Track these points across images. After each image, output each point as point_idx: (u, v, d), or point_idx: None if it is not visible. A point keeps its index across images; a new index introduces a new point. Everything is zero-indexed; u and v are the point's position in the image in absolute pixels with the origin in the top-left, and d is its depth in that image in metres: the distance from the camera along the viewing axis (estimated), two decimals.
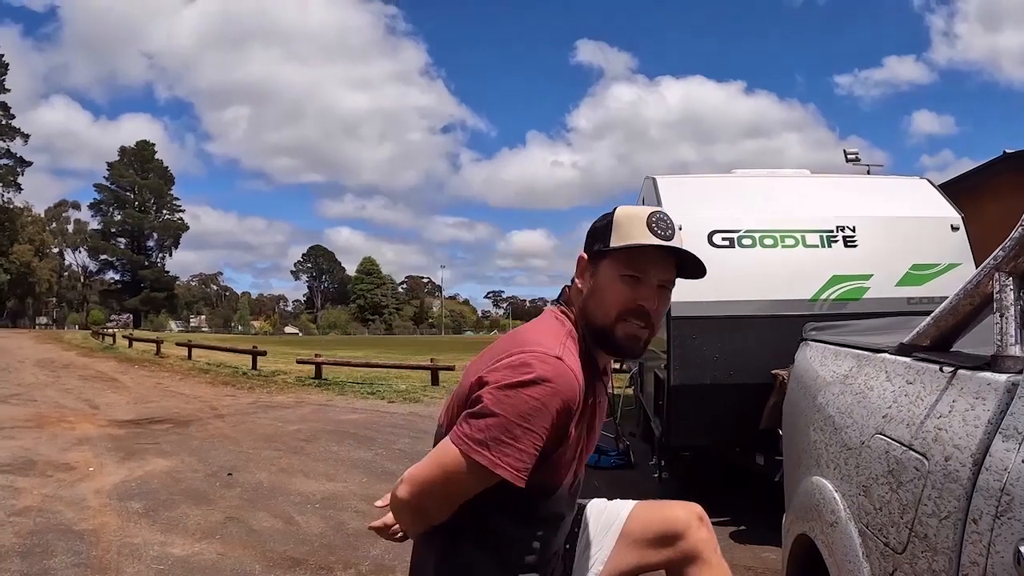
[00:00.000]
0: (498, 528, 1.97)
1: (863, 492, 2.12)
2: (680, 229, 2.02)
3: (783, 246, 6.76)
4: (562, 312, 2.07)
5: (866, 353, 2.67)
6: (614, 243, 1.95)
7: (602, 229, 2.00)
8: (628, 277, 1.94)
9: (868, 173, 9.07)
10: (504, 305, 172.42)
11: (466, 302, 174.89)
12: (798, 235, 6.79)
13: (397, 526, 2.28)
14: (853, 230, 6.80)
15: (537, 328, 2.01)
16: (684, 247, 1.99)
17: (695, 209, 6.96)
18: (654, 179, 7.56)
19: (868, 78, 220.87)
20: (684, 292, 6.36)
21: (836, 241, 6.77)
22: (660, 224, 1.96)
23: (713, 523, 6.66)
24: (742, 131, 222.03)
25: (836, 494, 2.32)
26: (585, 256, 2.04)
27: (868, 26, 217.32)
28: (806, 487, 2.69)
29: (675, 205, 6.82)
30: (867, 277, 6.66)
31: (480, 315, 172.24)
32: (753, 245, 6.75)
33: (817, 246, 6.77)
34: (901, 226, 6.91)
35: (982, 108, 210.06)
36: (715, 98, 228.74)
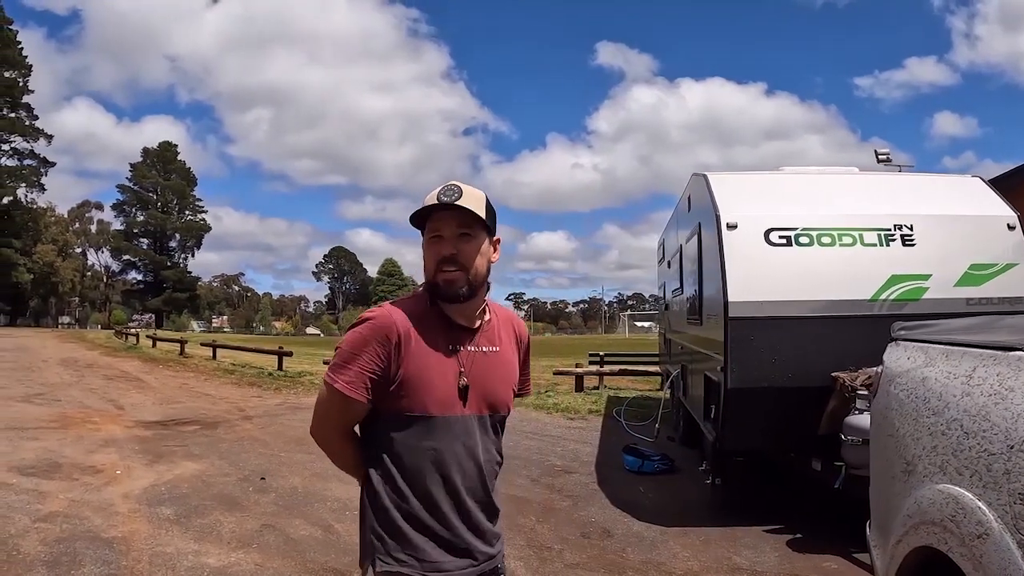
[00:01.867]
0: (385, 458, 2.30)
1: (1021, 500, 1.96)
2: (458, 195, 2.30)
3: (841, 244, 6.59)
4: (420, 287, 2.47)
5: (992, 352, 2.48)
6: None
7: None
8: (432, 239, 2.32)
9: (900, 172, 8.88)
10: (525, 307, 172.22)
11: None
12: (856, 233, 6.62)
13: None
14: (911, 229, 6.63)
15: None
16: (471, 205, 2.30)
17: (751, 207, 6.81)
18: (705, 176, 7.33)
19: (889, 79, 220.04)
20: (741, 291, 6.24)
21: (894, 240, 6.60)
22: (447, 192, 2.30)
23: (767, 531, 6.46)
24: (763, 133, 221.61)
25: (980, 503, 2.13)
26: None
27: (888, 28, 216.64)
28: (928, 496, 2.48)
29: (730, 202, 6.71)
30: (926, 277, 6.48)
31: None
32: (811, 244, 6.57)
33: (875, 245, 6.60)
34: (958, 225, 6.73)
35: (1005, 110, 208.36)
36: (736, 100, 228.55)
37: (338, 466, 2.53)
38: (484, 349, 2.41)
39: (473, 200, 2.32)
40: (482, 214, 2.33)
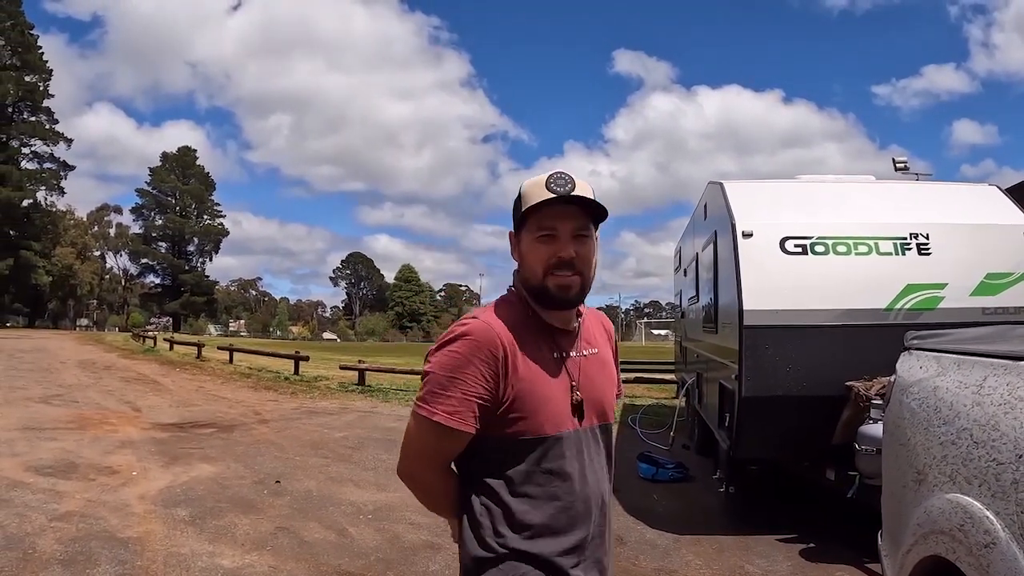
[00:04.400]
0: (497, 491, 2.03)
1: None
2: (572, 186, 2.05)
3: (856, 253, 6.57)
4: (510, 290, 2.20)
5: (1003, 361, 2.48)
6: (524, 210, 2.07)
7: (515, 205, 2.12)
8: (543, 237, 2.04)
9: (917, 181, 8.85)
10: None
11: None
12: (871, 242, 6.59)
13: None
14: (927, 238, 6.60)
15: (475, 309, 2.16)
16: (587, 195, 2.06)
17: (766, 214, 6.80)
18: (721, 184, 7.34)
19: (907, 87, 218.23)
20: (756, 300, 6.24)
21: (910, 249, 6.58)
22: (558, 181, 2.04)
23: (780, 540, 6.45)
24: (781, 141, 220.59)
25: (988, 513, 2.13)
26: (512, 233, 2.16)
27: (905, 36, 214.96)
28: (938, 505, 2.49)
29: (745, 211, 6.71)
30: (942, 286, 6.45)
31: None
32: (826, 252, 6.55)
33: (891, 254, 6.58)
34: (974, 234, 6.71)
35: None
36: (753, 108, 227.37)
37: (429, 507, 2.26)
38: (586, 353, 2.19)
39: (590, 192, 2.07)
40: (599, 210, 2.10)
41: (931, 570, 2.49)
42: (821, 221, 6.70)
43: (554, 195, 2.01)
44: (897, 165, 8.80)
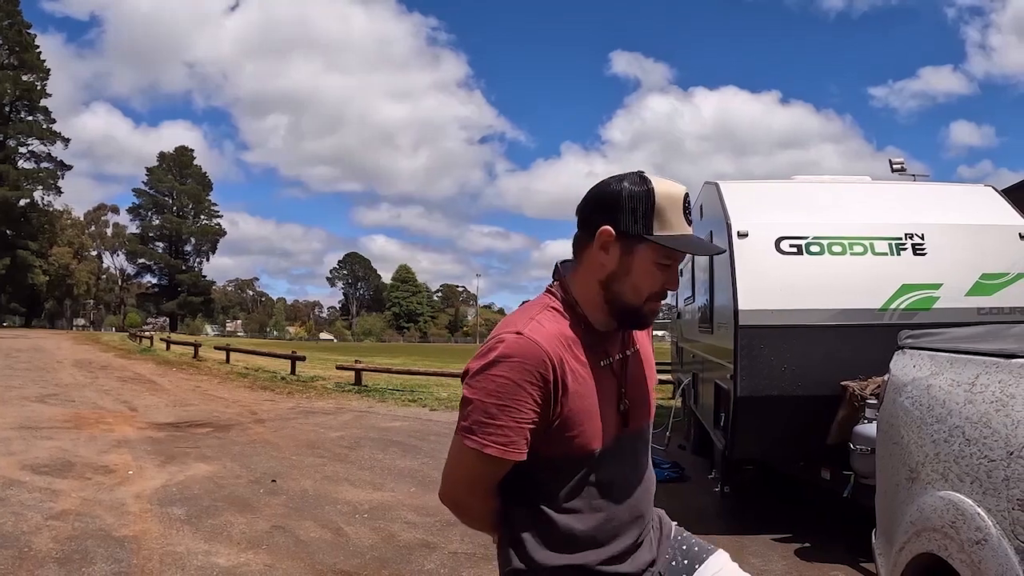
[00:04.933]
0: (540, 505, 1.95)
1: (1020, 506, 1.97)
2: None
3: (852, 253, 6.58)
4: (548, 291, 2.04)
5: (995, 359, 2.49)
6: (658, 231, 1.88)
7: (642, 209, 1.87)
8: (661, 265, 1.91)
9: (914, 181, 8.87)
10: None
11: (501, 311, 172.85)
12: (866, 242, 6.61)
13: None
14: (922, 238, 6.62)
15: (512, 314, 2.03)
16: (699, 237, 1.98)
17: (761, 215, 6.80)
18: (716, 184, 7.35)
19: (904, 89, 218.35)
20: (751, 300, 6.25)
21: (905, 249, 6.58)
22: (688, 212, 1.92)
23: (775, 540, 6.45)
24: (778, 142, 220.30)
25: (979, 510, 2.15)
26: (613, 232, 1.88)
27: (901, 38, 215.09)
28: (930, 503, 2.50)
29: (741, 211, 6.73)
30: (937, 287, 6.46)
31: None
32: (821, 252, 6.55)
33: (886, 254, 6.59)
34: (970, 234, 6.72)
35: (1022, 119, 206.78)
36: (750, 109, 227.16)
37: (473, 525, 2.17)
38: (628, 352, 2.09)
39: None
40: None
41: (924, 567, 2.50)
42: (816, 221, 6.71)
43: (689, 229, 1.91)
44: (894, 166, 8.81)
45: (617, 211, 1.88)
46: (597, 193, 1.93)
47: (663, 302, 2.06)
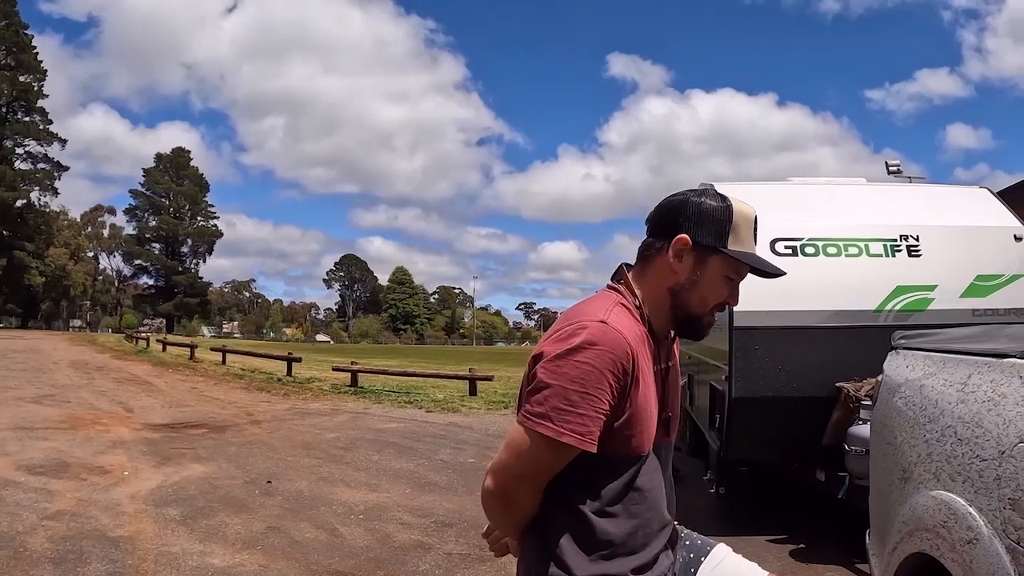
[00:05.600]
0: (582, 509, 1.90)
1: (1010, 505, 1.97)
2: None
3: (847, 255, 6.58)
4: (613, 288, 2.02)
5: (987, 359, 2.50)
6: (732, 246, 1.92)
7: (720, 222, 1.92)
8: (728, 279, 1.95)
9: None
10: (536, 317, 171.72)
11: (498, 313, 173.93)
12: (861, 244, 6.61)
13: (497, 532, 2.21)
14: (917, 239, 6.61)
15: (586, 302, 1.99)
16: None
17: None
18: (712, 186, 7.30)
19: (901, 91, 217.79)
20: (747, 302, 6.22)
21: (900, 250, 6.59)
22: (756, 232, 2.00)
23: (770, 541, 6.46)
24: (775, 145, 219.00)
25: (971, 509, 2.15)
26: (689, 241, 1.91)
27: (898, 41, 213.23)
28: (922, 503, 2.51)
29: None
30: (931, 288, 6.46)
31: (512, 326, 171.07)
32: (816, 254, 6.55)
33: (881, 255, 6.59)
34: (964, 236, 6.72)
35: (1019, 122, 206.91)
36: (747, 111, 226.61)
37: (508, 525, 2.07)
38: (669, 364, 2.11)
39: None
40: None
41: (916, 567, 2.50)
42: (811, 223, 6.70)
43: (755, 248, 1.98)
44: (890, 168, 8.81)
45: (696, 222, 1.91)
46: (676, 203, 1.95)
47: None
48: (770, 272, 1.98)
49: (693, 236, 1.90)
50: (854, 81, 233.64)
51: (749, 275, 2.02)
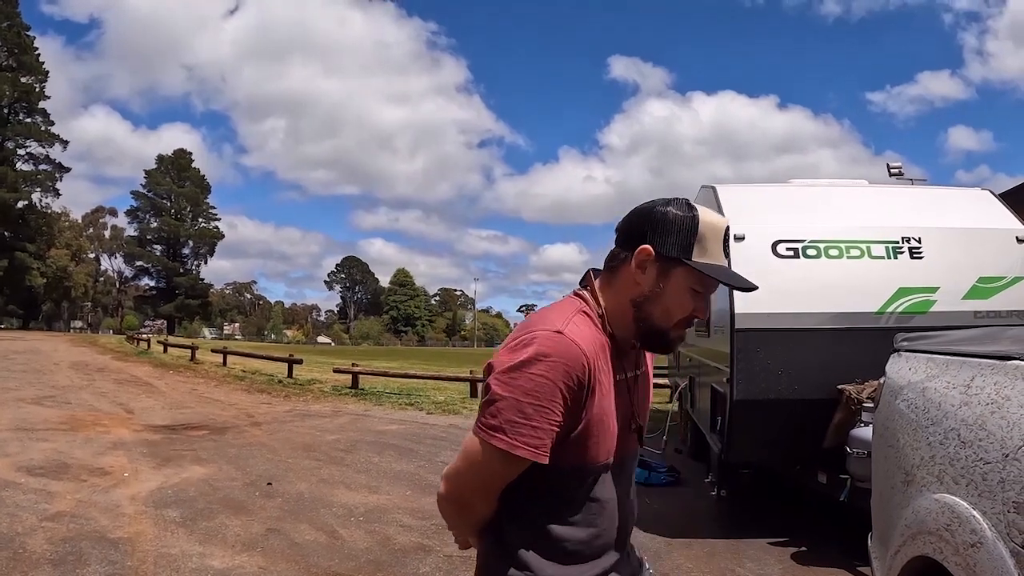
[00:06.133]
0: (538, 517, 1.90)
1: (1015, 509, 1.95)
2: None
3: (848, 257, 6.58)
4: (578, 295, 2.00)
5: (991, 362, 2.48)
6: (697, 257, 1.87)
7: (685, 233, 1.87)
8: (695, 291, 1.89)
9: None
10: None
11: (499, 315, 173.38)
12: (863, 246, 6.61)
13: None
14: (919, 241, 6.62)
15: (548, 309, 1.98)
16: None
17: (758, 218, 6.79)
18: (713, 188, 7.35)
19: (902, 94, 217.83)
20: (748, 303, 6.23)
21: (902, 252, 6.59)
22: (727, 244, 1.94)
23: (772, 543, 6.45)
24: (775, 147, 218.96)
25: (975, 512, 2.13)
26: (652, 252, 1.87)
27: (899, 43, 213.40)
28: (925, 506, 2.49)
29: (737, 214, 6.72)
30: (933, 290, 6.46)
31: (513, 328, 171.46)
32: (818, 256, 6.56)
33: (883, 257, 6.59)
34: (966, 238, 6.73)
35: (1020, 124, 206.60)
36: (748, 113, 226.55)
37: (463, 530, 2.07)
38: (639, 371, 2.09)
39: None
40: None
41: (919, 570, 2.48)
42: (813, 225, 6.71)
43: (725, 261, 1.93)
44: (892, 171, 8.80)
45: (660, 232, 1.87)
46: (641, 213, 1.92)
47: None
48: (739, 287, 1.94)
49: (656, 247, 1.87)
50: (855, 83, 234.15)
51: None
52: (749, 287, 1.93)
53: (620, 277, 1.93)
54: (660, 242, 1.86)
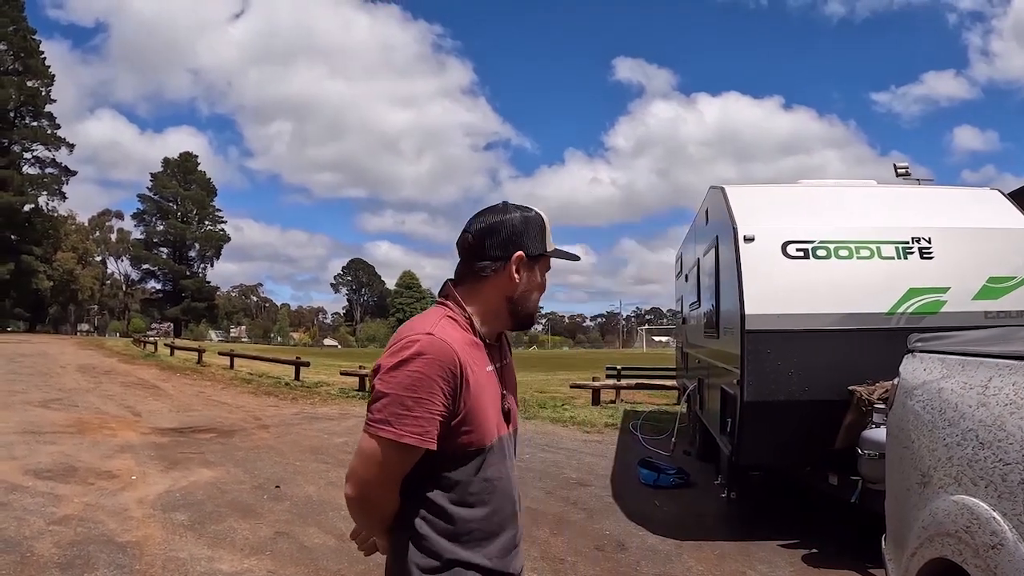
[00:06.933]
0: (437, 502, 2.08)
1: None
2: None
3: (858, 257, 6.55)
4: (442, 304, 2.24)
5: (1008, 362, 2.46)
6: (550, 247, 2.27)
7: (540, 231, 2.25)
8: (545, 279, 2.29)
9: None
10: (543, 321, 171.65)
11: None
12: (873, 246, 6.58)
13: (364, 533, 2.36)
14: (929, 241, 6.58)
15: (417, 317, 2.20)
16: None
17: (767, 219, 6.77)
18: (723, 188, 7.31)
19: (907, 94, 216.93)
20: (758, 304, 6.21)
21: (912, 253, 6.56)
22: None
23: (782, 545, 6.42)
24: (780, 148, 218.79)
25: (995, 513, 2.12)
26: (524, 256, 2.20)
27: (904, 44, 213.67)
28: (943, 507, 2.47)
29: (747, 215, 6.70)
30: (944, 290, 6.42)
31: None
32: (828, 256, 6.52)
33: (893, 258, 6.56)
34: (977, 238, 6.69)
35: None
36: (753, 115, 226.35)
37: (373, 525, 2.19)
38: (504, 363, 2.34)
39: None
40: None
41: (937, 572, 2.46)
42: (823, 225, 6.68)
43: (554, 243, 2.29)
44: (898, 171, 8.76)
45: (525, 238, 2.20)
46: (499, 226, 2.20)
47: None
48: (570, 257, 2.36)
49: (526, 250, 2.20)
50: (860, 84, 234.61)
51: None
52: (575, 257, 2.39)
53: (492, 283, 2.20)
54: (527, 245, 2.20)
